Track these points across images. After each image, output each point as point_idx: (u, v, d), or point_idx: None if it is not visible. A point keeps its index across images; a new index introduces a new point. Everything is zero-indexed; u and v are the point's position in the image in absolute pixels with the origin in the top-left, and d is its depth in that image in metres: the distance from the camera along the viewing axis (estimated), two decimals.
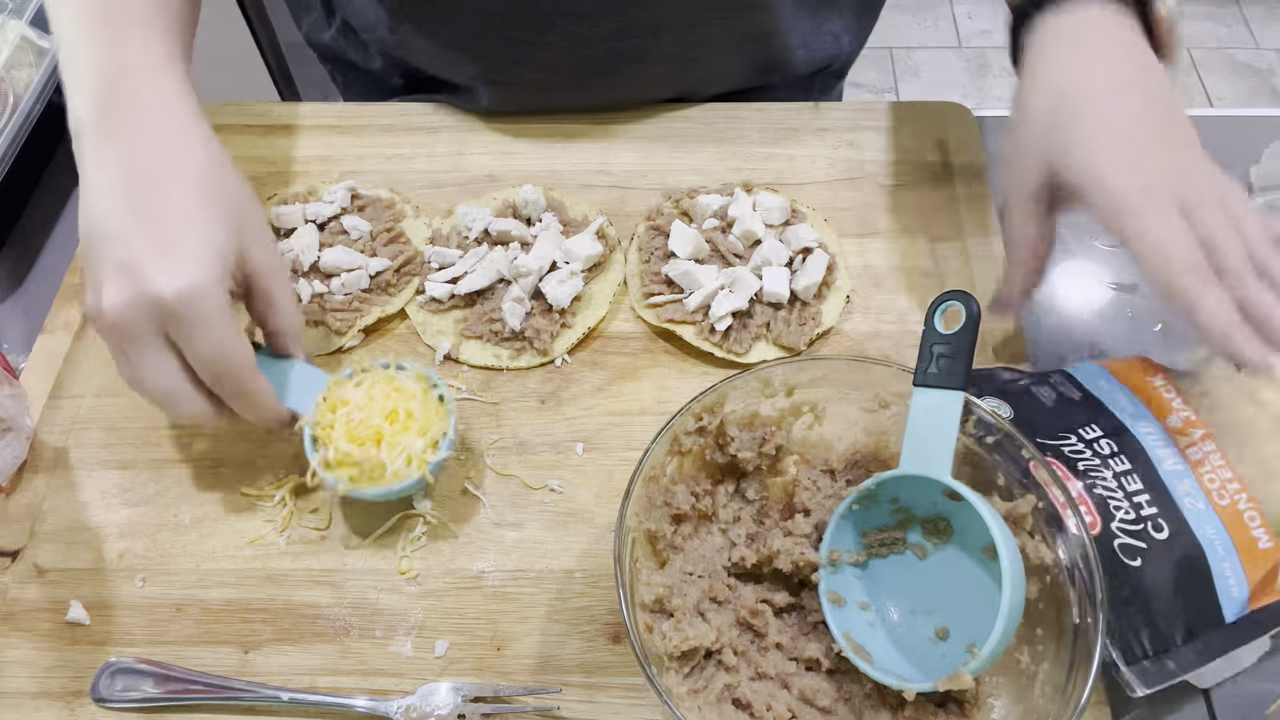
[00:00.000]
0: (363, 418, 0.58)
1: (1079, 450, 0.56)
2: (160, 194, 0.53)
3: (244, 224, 0.56)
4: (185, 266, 0.51)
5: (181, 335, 0.52)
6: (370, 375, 0.60)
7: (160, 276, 0.50)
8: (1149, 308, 0.72)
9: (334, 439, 0.57)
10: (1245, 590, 0.52)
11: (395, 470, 0.57)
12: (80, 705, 0.56)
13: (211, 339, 0.52)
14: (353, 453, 0.57)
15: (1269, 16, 2.55)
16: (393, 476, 0.57)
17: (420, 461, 0.58)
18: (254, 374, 0.55)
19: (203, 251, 0.52)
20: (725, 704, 0.51)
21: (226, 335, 0.53)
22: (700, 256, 0.71)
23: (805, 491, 0.57)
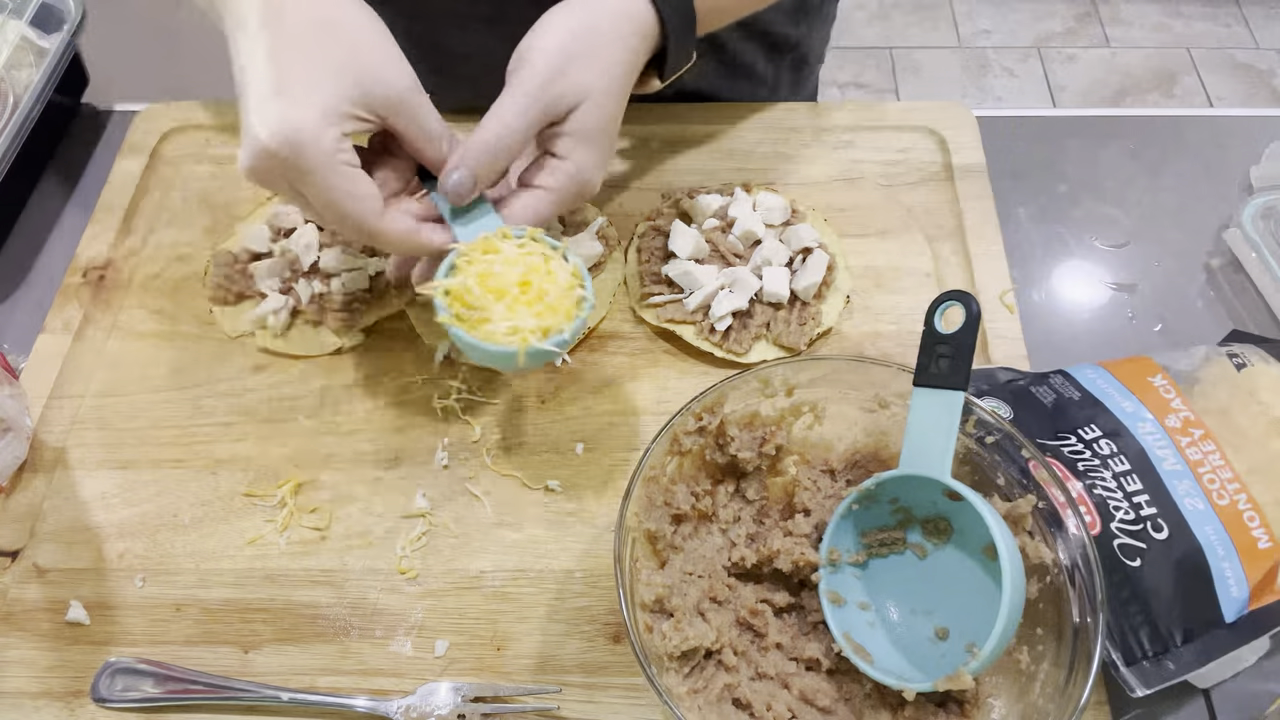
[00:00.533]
0: (501, 271, 0.55)
1: (1078, 450, 0.56)
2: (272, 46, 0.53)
3: (364, 64, 0.53)
4: (296, 111, 0.51)
5: (299, 187, 0.53)
6: (535, 245, 0.57)
7: (261, 127, 0.51)
8: (1149, 308, 0.72)
9: (465, 271, 0.55)
10: (1245, 590, 0.52)
11: (494, 330, 0.54)
12: (80, 705, 0.56)
13: (319, 187, 0.52)
14: (471, 289, 0.54)
15: (1269, 16, 2.55)
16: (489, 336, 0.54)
17: (523, 338, 0.53)
18: (376, 216, 0.54)
19: (314, 91, 0.52)
20: (725, 704, 0.51)
21: (335, 183, 0.52)
22: (700, 256, 0.71)
23: (805, 491, 0.57)
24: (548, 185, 0.59)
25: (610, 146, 0.61)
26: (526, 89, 0.57)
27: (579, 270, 0.57)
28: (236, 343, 0.70)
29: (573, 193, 0.60)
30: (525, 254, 0.56)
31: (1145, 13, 2.57)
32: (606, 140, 0.60)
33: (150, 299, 0.73)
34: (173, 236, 0.76)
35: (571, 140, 0.59)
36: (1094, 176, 0.80)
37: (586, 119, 0.58)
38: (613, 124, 0.60)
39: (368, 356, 0.70)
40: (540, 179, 0.59)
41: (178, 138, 0.82)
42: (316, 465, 0.64)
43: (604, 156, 0.61)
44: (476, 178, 0.56)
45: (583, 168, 0.59)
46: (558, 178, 0.59)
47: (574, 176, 0.59)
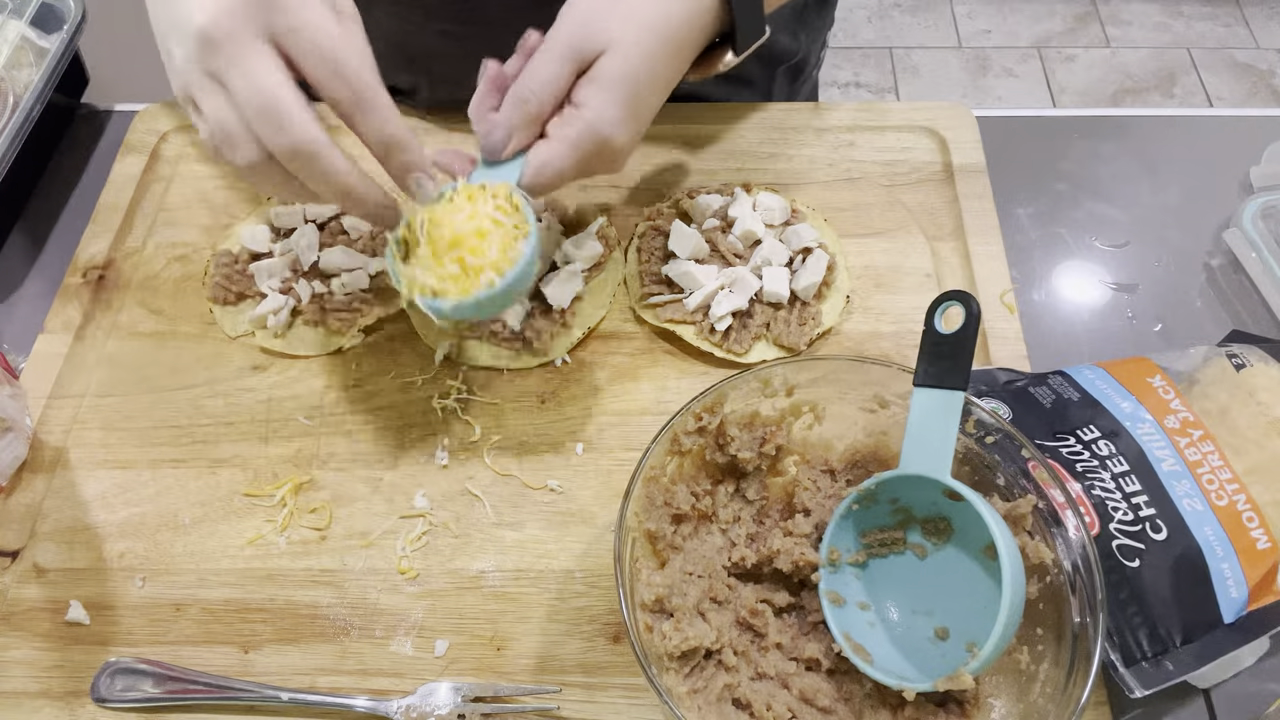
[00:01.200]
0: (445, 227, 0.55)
1: (1077, 451, 0.56)
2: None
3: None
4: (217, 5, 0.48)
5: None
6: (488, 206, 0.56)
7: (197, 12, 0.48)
8: (1149, 308, 0.72)
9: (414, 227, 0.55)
10: (1244, 591, 0.52)
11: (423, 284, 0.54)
12: (80, 705, 0.56)
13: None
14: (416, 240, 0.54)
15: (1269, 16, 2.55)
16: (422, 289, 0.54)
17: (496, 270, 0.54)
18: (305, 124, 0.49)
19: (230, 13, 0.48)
20: (725, 704, 0.51)
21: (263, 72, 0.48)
22: (700, 256, 0.71)
23: (805, 491, 0.57)
24: (562, 135, 0.57)
25: (638, 105, 0.58)
26: (557, 37, 0.57)
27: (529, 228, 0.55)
28: (236, 343, 0.70)
29: (590, 146, 0.57)
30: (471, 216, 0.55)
31: (1145, 13, 2.57)
32: (631, 94, 0.57)
33: (150, 299, 0.73)
34: (173, 236, 0.76)
35: (592, 87, 0.57)
36: (1094, 176, 0.80)
37: (609, 67, 0.57)
38: (643, 81, 0.58)
39: (368, 356, 0.70)
40: (556, 129, 0.57)
41: (178, 138, 0.82)
42: (316, 465, 0.64)
43: (627, 112, 0.57)
44: (510, 130, 0.56)
45: (600, 117, 0.57)
46: (575, 126, 0.57)
47: (591, 125, 0.57)
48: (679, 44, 0.60)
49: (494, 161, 0.58)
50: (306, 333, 0.70)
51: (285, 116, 0.49)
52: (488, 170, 0.58)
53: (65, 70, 0.79)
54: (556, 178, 0.58)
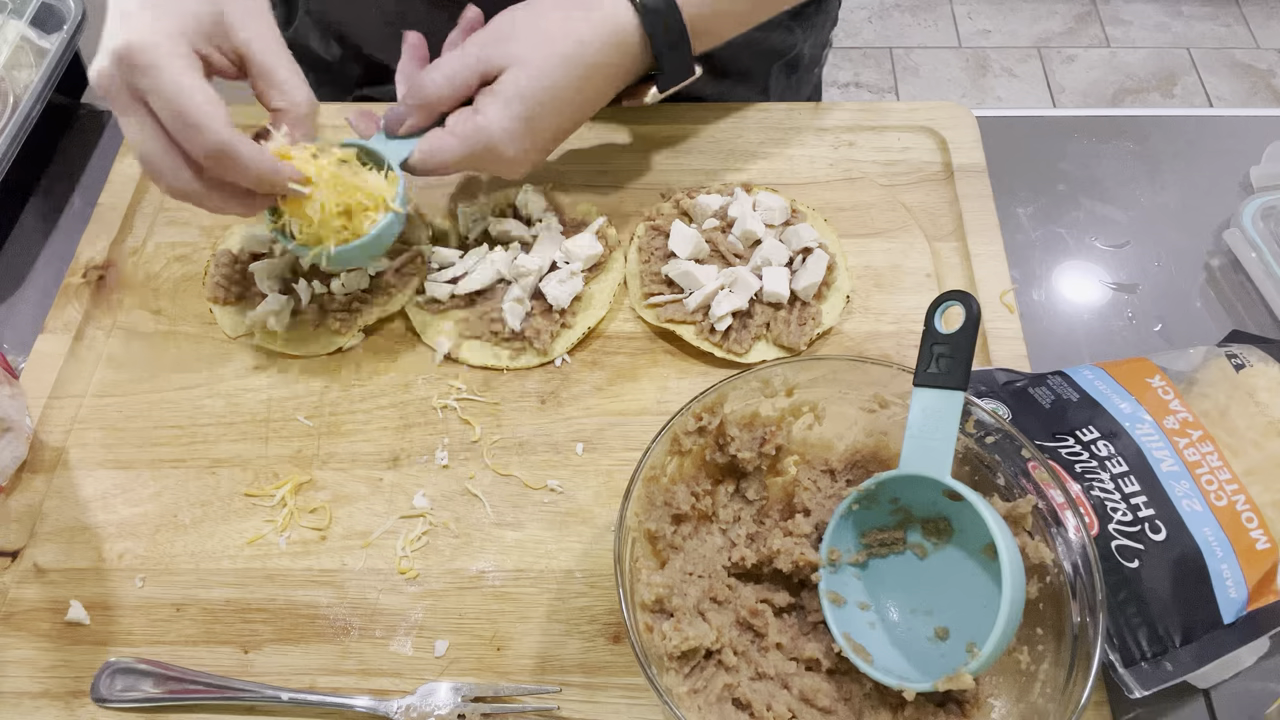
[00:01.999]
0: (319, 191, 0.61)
1: (1076, 452, 0.56)
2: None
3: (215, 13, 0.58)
4: (139, 22, 0.54)
5: (143, 86, 0.54)
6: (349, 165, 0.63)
7: (122, 35, 0.54)
8: (1149, 308, 0.72)
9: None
10: (1244, 591, 0.52)
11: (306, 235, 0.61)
12: (80, 705, 0.56)
13: (165, 83, 0.54)
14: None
15: (1269, 16, 2.55)
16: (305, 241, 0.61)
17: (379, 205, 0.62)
18: (224, 126, 0.55)
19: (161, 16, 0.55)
20: (725, 704, 0.51)
21: (185, 83, 0.54)
22: (700, 256, 0.71)
23: (805, 491, 0.57)
24: (453, 129, 0.63)
25: (532, 123, 0.63)
26: (473, 40, 0.63)
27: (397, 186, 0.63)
28: (236, 343, 0.70)
29: (476, 146, 0.62)
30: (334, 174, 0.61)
31: (1145, 13, 2.57)
32: (525, 112, 0.62)
33: (150, 299, 0.73)
34: (173, 236, 0.76)
35: (489, 98, 0.62)
36: (1094, 176, 0.80)
37: (509, 82, 0.62)
38: (540, 103, 0.63)
39: (368, 356, 0.70)
40: (453, 123, 0.63)
41: None
42: (316, 465, 0.64)
43: (520, 127, 0.63)
44: (406, 115, 0.63)
45: (490, 123, 0.62)
46: (465, 125, 0.63)
47: (480, 128, 0.62)
48: (588, 75, 0.64)
49: (393, 135, 0.64)
50: (306, 333, 0.70)
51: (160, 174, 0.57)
52: (386, 141, 0.65)
53: (65, 70, 0.79)
54: (440, 166, 0.64)
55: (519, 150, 0.64)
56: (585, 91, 0.65)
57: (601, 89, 0.66)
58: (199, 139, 0.54)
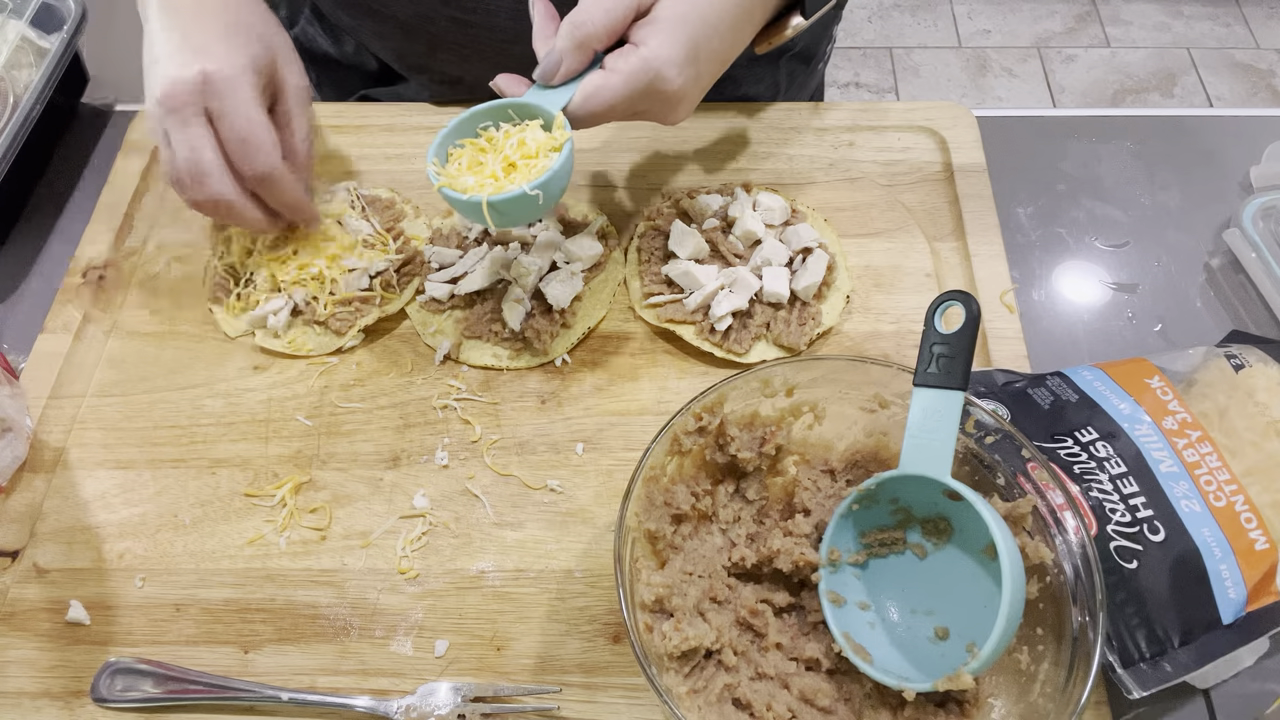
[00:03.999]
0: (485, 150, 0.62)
1: (1075, 453, 0.56)
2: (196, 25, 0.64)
3: (274, 45, 0.67)
4: (221, 56, 0.62)
5: (219, 108, 0.61)
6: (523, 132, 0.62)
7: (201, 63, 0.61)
8: (1148, 308, 0.72)
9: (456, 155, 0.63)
10: (1243, 592, 0.52)
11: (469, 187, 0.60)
12: (80, 705, 0.56)
13: (242, 112, 0.61)
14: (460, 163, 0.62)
15: (1269, 16, 2.55)
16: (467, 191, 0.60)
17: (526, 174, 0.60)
18: (278, 154, 0.63)
19: (235, 51, 0.63)
20: (725, 704, 0.51)
21: (256, 114, 0.62)
22: (700, 256, 0.71)
23: (805, 491, 0.57)
24: (616, 68, 0.60)
25: (696, 49, 0.60)
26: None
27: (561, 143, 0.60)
28: (236, 343, 0.70)
29: (642, 82, 0.59)
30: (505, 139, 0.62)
31: (1145, 13, 2.57)
32: (689, 35, 0.60)
33: (150, 299, 0.73)
34: (173, 236, 0.76)
35: (650, 28, 0.60)
36: (1094, 176, 0.80)
37: (668, 7, 0.60)
38: (704, 24, 0.61)
39: (368, 356, 0.70)
40: (613, 61, 0.60)
41: None
42: (316, 465, 0.65)
43: (685, 53, 0.60)
44: (562, 55, 0.60)
45: (656, 55, 0.59)
46: (629, 61, 0.59)
47: (646, 61, 0.59)
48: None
49: (547, 86, 0.62)
50: (306, 333, 0.70)
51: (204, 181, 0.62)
52: (541, 93, 0.62)
53: (65, 70, 0.79)
54: (604, 108, 0.60)
55: (685, 81, 0.61)
56: (740, 11, 0.63)
57: (754, 14, 0.65)
58: (256, 159, 0.62)
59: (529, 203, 0.59)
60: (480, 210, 0.59)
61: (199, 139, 0.61)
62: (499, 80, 0.64)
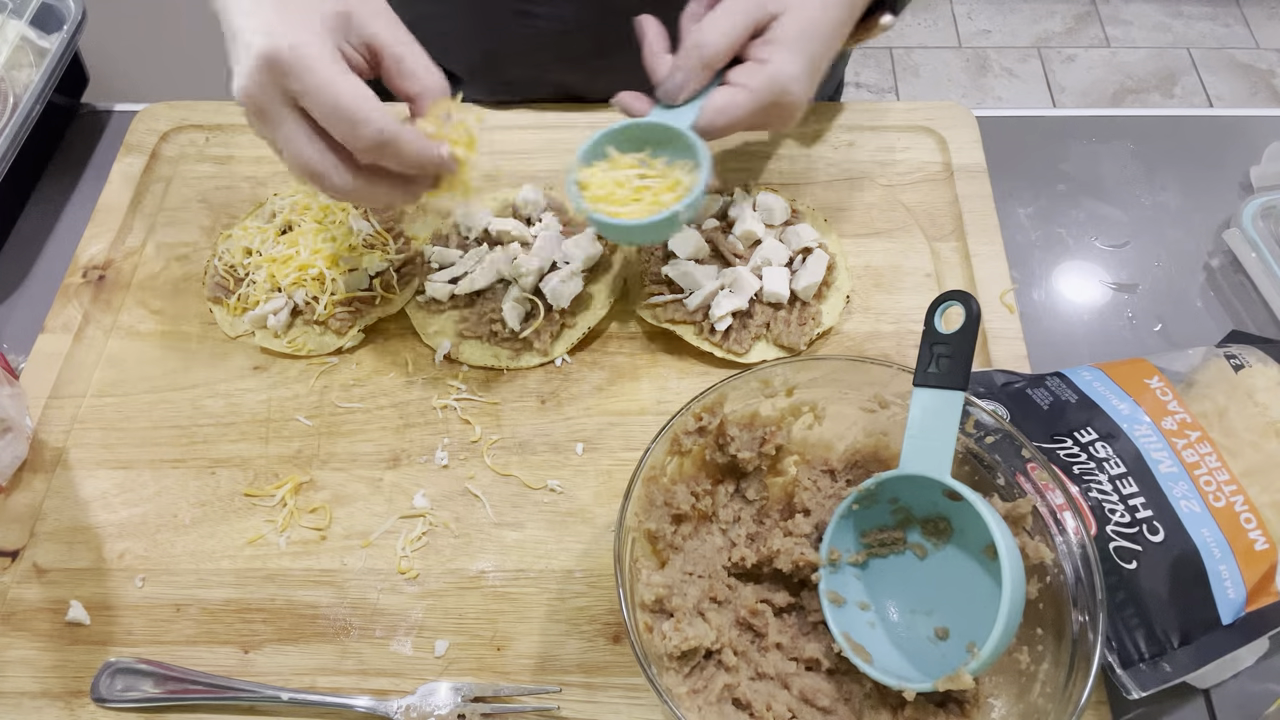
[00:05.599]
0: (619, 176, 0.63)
1: (1074, 454, 0.56)
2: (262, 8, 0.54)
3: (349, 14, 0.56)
4: (280, 28, 0.53)
5: (298, 89, 0.53)
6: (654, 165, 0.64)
7: (266, 41, 0.52)
8: (1148, 308, 0.72)
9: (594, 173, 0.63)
10: (1242, 592, 0.52)
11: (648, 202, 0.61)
12: (80, 705, 0.56)
13: (319, 81, 0.52)
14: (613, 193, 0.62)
15: (1269, 16, 2.55)
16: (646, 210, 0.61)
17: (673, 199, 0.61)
18: (383, 115, 0.53)
19: (303, 15, 0.54)
20: (725, 704, 0.51)
21: (338, 79, 0.53)
22: (700, 256, 0.71)
23: (805, 491, 0.57)
24: (745, 83, 0.62)
25: (814, 63, 0.63)
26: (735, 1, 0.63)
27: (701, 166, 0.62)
28: (236, 343, 0.70)
29: (770, 95, 0.62)
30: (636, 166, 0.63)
31: (1145, 13, 2.57)
32: (809, 51, 0.62)
33: (150, 299, 0.73)
34: (173, 236, 0.76)
35: (772, 46, 0.62)
36: (1094, 176, 0.80)
37: (789, 25, 0.62)
38: (816, 38, 0.63)
39: (368, 356, 0.70)
40: (740, 77, 0.62)
41: (177, 138, 0.82)
42: (316, 465, 0.65)
43: (806, 68, 0.62)
44: (688, 75, 0.62)
45: (781, 70, 0.61)
46: (757, 77, 0.62)
47: (773, 77, 0.61)
48: (854, 4, 0.65)
49: (670, 105, 0.64)
50: (306, 333, 0.70)
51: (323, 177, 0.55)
52: (664, 113, 0.64)
53: (65, 70, 0.79)
54: (732, 123, 0.62)
55: (805, 92, 0.63)
56: (848, 19, 0.66)
57: (853, 17, 0.67)
58: (361, 131, 0.53)
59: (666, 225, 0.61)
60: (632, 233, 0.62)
61: (293, 135, 0.54)
62: (622, 98, 0.66)
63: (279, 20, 0.53)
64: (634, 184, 0.62)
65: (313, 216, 0.72)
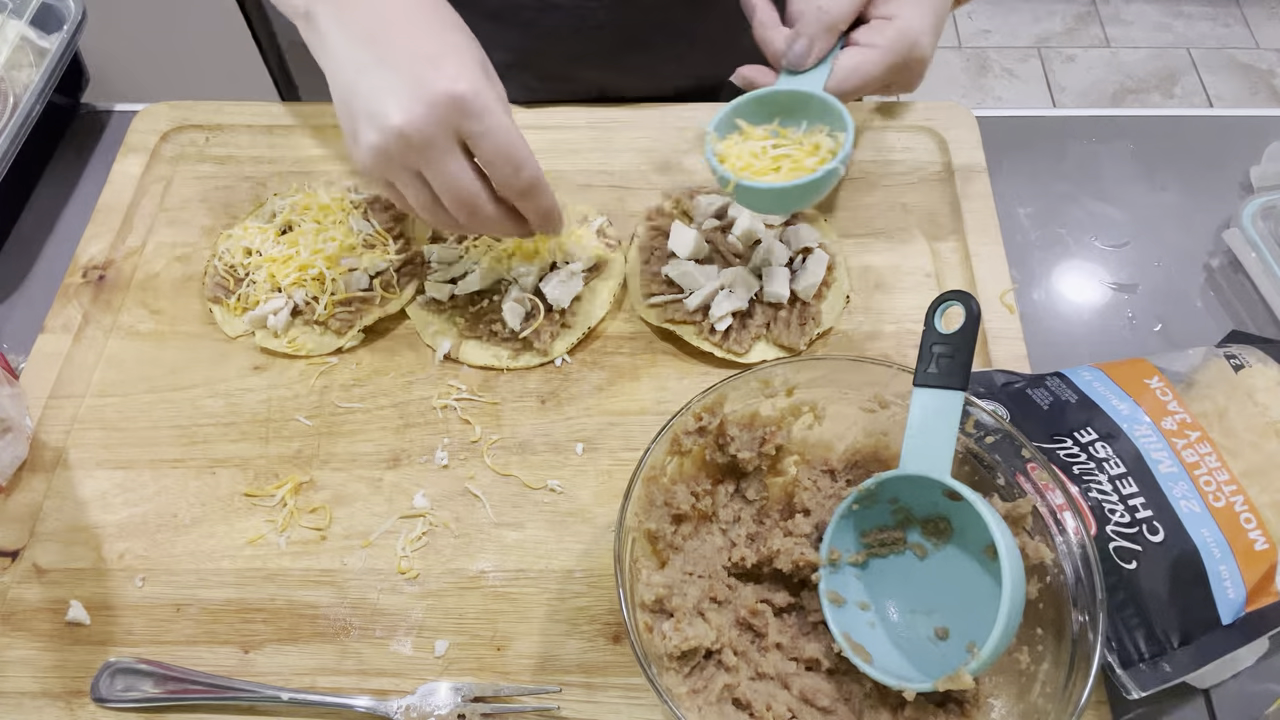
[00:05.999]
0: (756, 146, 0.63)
1: (1074, 454, 0.56)
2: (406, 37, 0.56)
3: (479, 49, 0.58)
4: (464, 69, 0.54)
5: (476, 130, 0.54)
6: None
7: (444, 80, 0.53)
8: (1148, 308, 0.72)
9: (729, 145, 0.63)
10: (1242, 592, 0.52)
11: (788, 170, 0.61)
12: (80, 705, 0.56)
13: (503, 126, 0.55)
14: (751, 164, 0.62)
15: (1269, 16, 2.55)
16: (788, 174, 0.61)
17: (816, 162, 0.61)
18: (537, 163, 0.57)
19: (467, 59, 0.55)
20: (725, 704, 0.51)
21: (512, 126, 0.56)
22: (700, 256, 0.71)
23: (805, 491, 0.57)
24: (875, 42, 0.62)
25: (938, 18, 0.64)
26: None
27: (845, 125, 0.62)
28: (236, 343, 0.70)
29: (901, 51, 0.62)
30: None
31: (1145, 13, 2.57)
32: (932, 4, 0.63)
33: (150, 299, 0.73)
34: (173, 236, 0.76)
35: (896, 2, 0.63)
36: (1094, 176, 0.80)
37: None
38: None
39: (368, 356, 0.70)
40: (868, 37, 0.63)
41: (177, 138, 0.82)
42: (316, 465, 0.65)
43: (932, 22, 0.63)
44: (812, 39, 0.62)
45: (910, 25, 0.62)
46: (886, 34, 0.62)
47: (903, 32, 0.62)
48: None
49: (795, 72, 0.64)
50: (306, 333, 0.70)
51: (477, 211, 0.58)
52: (790, 80, 0.64)
53: (65, 70, 0.79)
54: (865, 82, 0.63)
55: (932, 48, 0.64)
56: None
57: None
58: (523, 174, 0.57)
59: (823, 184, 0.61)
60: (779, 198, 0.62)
61: (459, 170, 0.56)
62: (744, 71, 0.66)
63: (452, 59, 0.54)
64: (771, 153, 0.62)
65: (313, 216, 0.72)
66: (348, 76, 0.56)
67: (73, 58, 0.81)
